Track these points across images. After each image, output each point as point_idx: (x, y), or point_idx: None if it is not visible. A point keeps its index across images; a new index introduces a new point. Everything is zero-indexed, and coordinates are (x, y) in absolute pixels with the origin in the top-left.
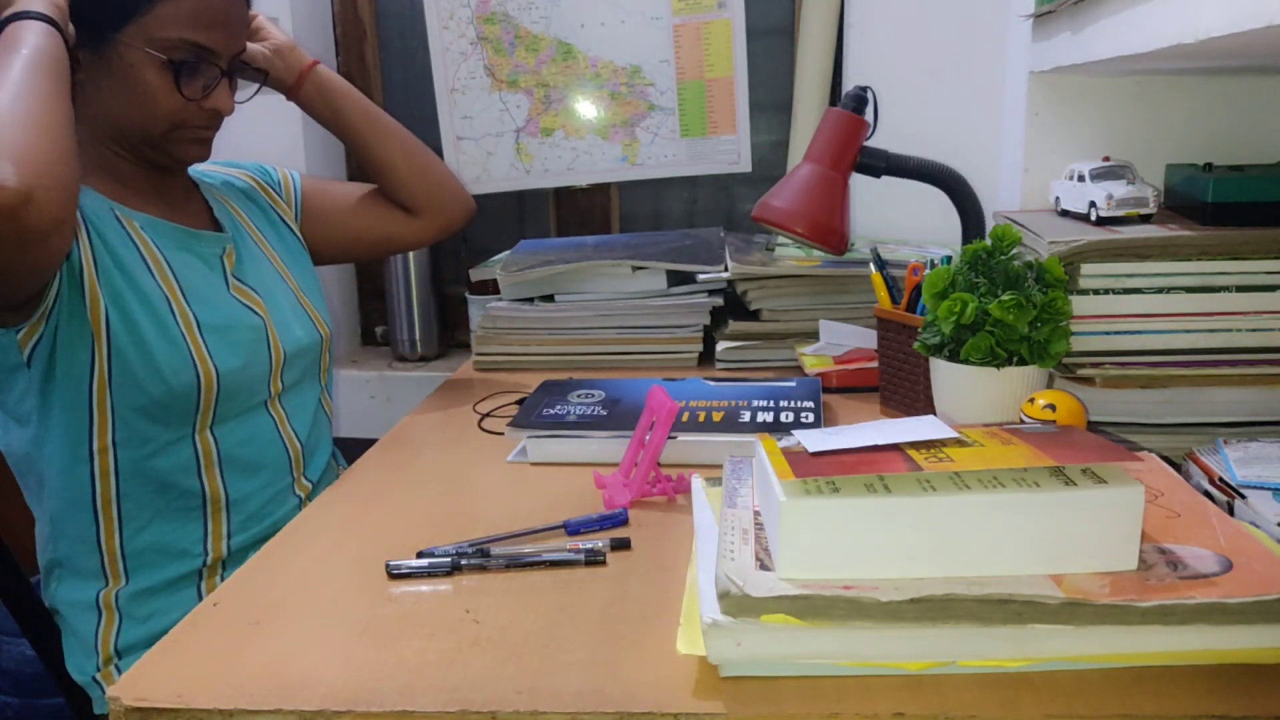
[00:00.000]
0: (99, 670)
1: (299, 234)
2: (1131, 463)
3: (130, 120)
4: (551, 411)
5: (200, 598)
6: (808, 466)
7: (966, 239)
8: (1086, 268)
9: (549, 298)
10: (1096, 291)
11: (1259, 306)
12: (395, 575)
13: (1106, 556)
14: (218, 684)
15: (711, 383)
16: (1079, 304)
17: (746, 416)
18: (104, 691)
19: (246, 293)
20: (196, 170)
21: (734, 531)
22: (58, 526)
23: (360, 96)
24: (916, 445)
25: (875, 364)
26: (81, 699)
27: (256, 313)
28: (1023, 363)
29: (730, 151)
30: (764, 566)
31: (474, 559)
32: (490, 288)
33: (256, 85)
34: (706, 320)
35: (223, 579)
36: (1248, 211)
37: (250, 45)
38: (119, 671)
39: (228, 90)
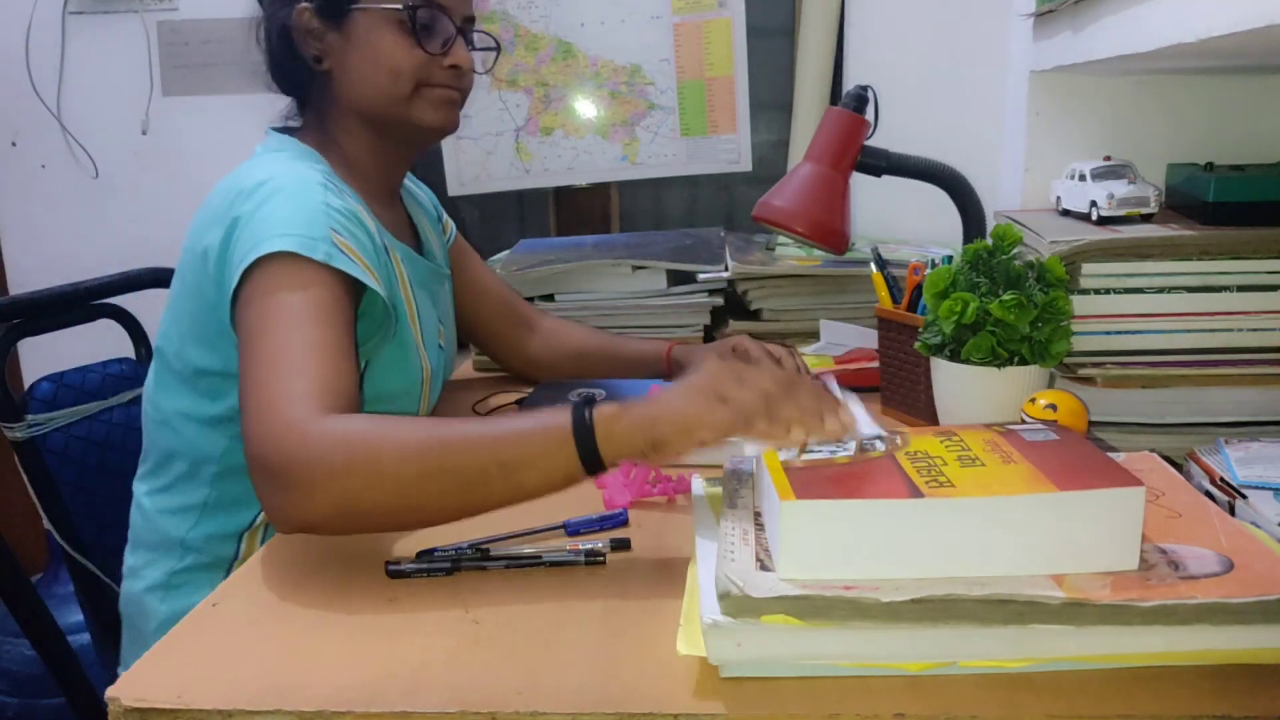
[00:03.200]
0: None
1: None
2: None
3: (377, 88)
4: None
5: None
6: (808, 487)
7: (967, 238)
8: (1087, 267)
9: (549, 297)
10: (1097, 291)
11: (1259, 306)
12: (395, 575)
13: (1108, 557)
14: (218, 684)
15: None
16: (1080, 304)
17: None
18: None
19: (443, 333)
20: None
21: (734, 532)
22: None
23: None
24: (915, 463)
25: (876, 364)
26: (82, 699)
27: (448, 353)
28: (1024, 362)
29: (730, 151)
30: (764, 567)
31: (474, 559)
32: None
33: (494, 56)
34: (707, 320)
35: None
36: (1248, 211)
37: None
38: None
39: (463, 46)
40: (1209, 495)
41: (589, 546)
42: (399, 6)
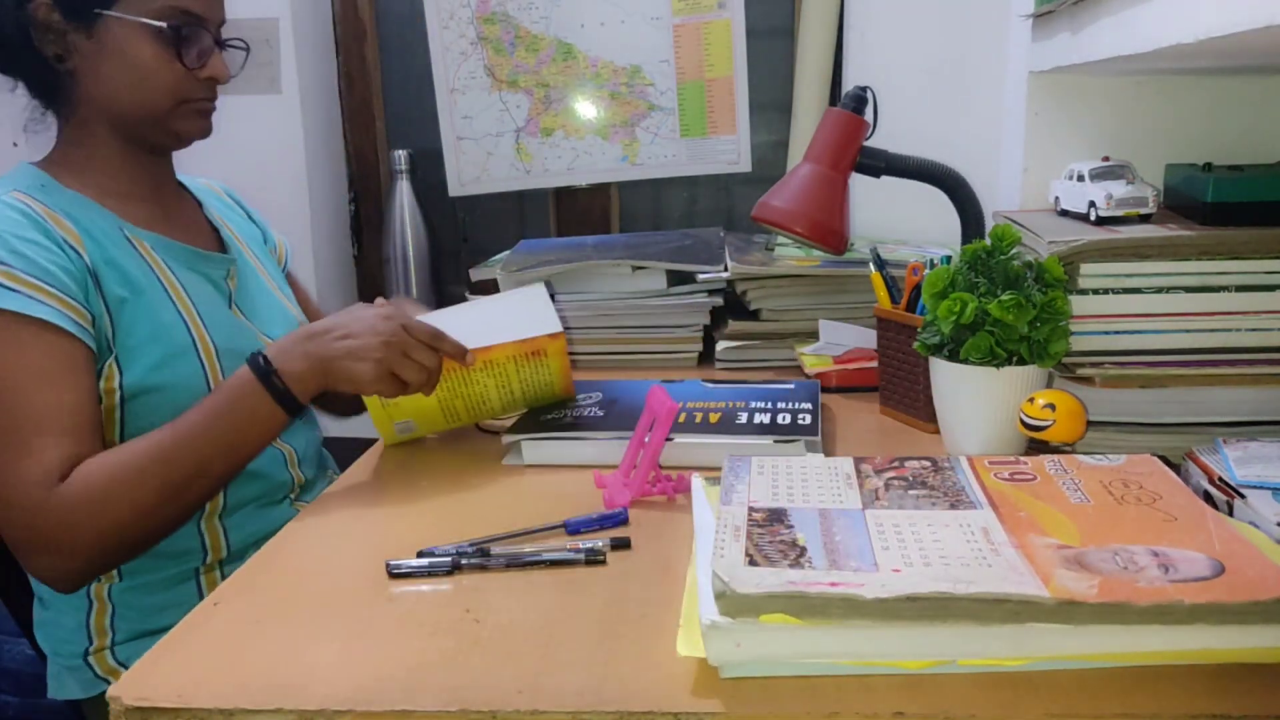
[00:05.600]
0: (90, 654)
1: (276, 256)
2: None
3: (132, 101)
4: (548, 415)
5: (200, 593)
6: None
7: (966, 239)
8: (1086, 267)
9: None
10: (1096, 291)
11: (1259, 306)
12: (395, 575)
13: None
14: (218, 684)
15: (709, 384)
16: (1078, 304)
17: (744, 418)
18: (96, 674)
19: (245, 318)
20: (191, 183)
21: (727, 529)
22: None
23: None
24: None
25: (875, 364)
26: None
27: (257, 339)
28: (1022, 362)
29: (730, 151)
30: (753, 562)
31: (474, 558)
32: (490, 287)
33: (244, 56)
34: (706, 320)
35: (223, 576)
36: (1247, 211)
37: None
38: (113, 654)
39: (220, 58)
40: (1207, 495)
41: (589, 546)
42: (161, 24)
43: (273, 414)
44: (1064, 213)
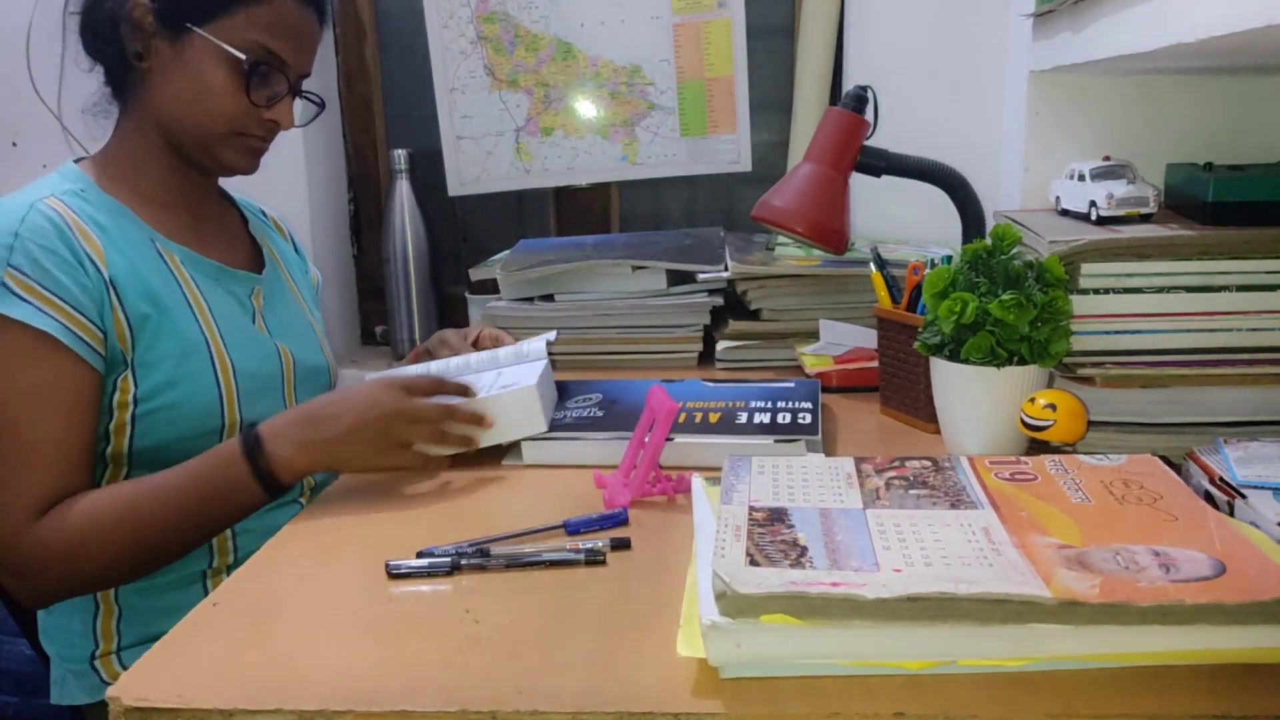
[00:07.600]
0: (96, 657)
1: (312, 283)
2: None
3: (190, 116)
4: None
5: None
6: None
7: (967, 238)
8: (1087, 267)
9: (549, 297)
10: (1097, 291)
11: (1259, 306)
12: (395, 575)
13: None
14: (218, 684)
15: (709, 384)
16: (1079, 303)
17: (744, 418)
18: (101, 678)
19: (268, 336)
20: (243, 201)
21: (727, 528)
22: None
23: None
24: None
25: (875, 364)
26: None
27: (279, 356)
28: (1023, 362)
29: (730, 151)
30: (754, 563)
31: (474, 559)
32: (490, 287)
33: (315, 112)
34: (706, 320)
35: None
36: (1248, 211)
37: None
38: (119, 660)
39: (290, 105)
40: (1208, 495)
41: (589, 546)
42: (240, 56)
43: (252, 492)
44: (1065, 212)
